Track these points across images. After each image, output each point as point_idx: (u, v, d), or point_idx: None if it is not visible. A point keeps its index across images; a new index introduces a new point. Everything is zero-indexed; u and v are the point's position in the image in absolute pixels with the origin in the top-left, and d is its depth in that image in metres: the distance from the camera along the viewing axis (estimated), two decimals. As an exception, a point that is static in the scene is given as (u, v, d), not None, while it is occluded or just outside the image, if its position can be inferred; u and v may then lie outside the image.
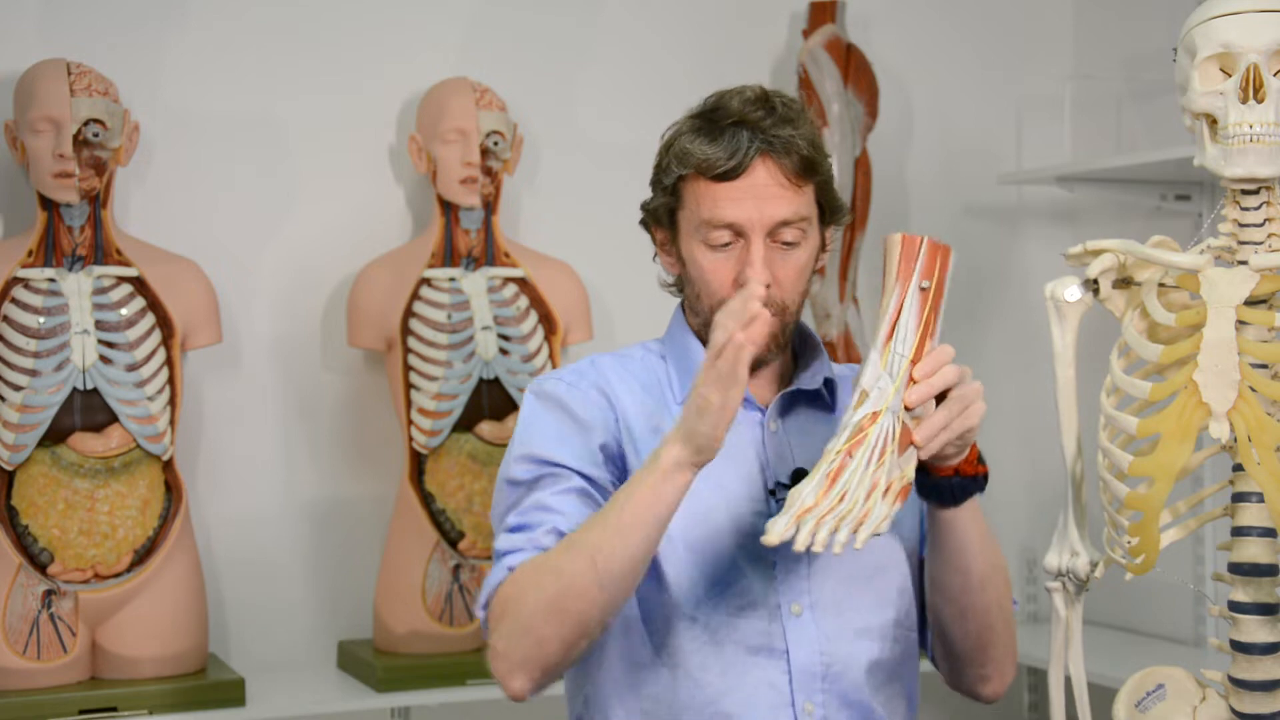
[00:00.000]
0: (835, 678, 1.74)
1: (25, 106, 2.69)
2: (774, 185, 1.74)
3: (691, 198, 1.77)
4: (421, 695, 2.79)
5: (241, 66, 3.02)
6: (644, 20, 3.32)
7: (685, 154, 1.77)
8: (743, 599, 1.74)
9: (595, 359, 1.86)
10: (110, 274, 2.72)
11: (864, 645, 1.77)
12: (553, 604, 1.61)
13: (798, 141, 1.75)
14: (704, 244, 1.76)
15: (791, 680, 1.73)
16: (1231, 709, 1.74)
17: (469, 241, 2.97)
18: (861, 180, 3.29)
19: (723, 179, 1.74)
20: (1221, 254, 1.76)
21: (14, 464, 2.63)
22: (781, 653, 1.73)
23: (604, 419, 1.78)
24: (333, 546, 3.06)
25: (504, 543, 1.71)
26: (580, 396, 1.79)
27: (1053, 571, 1.86)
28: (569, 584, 1.60)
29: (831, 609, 1.76)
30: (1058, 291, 1.83)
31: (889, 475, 1.55)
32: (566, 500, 1.71)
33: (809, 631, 1.74)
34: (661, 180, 1.81)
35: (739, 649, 1.73)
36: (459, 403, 2.90)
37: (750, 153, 1.73)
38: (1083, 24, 3.62)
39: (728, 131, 1.75)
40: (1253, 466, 1.66)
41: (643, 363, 1.86)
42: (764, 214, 1.73)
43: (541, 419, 1.79)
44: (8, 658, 2.59)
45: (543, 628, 1.62)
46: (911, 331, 1.60)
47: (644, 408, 1.80)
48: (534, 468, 1.74)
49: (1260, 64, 1.68)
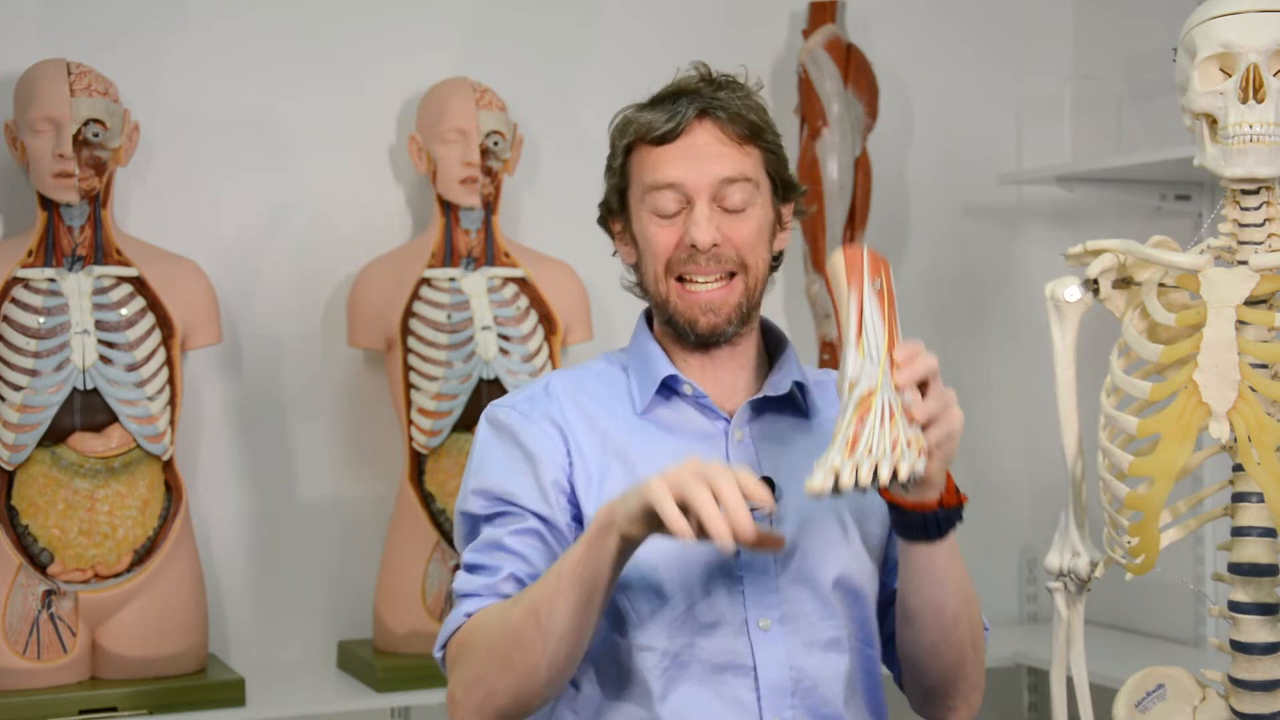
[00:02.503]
0: (806, 692, 1.71)
1: (25, 106, 2.69)
2: (714, 144, 1.73)
3: (636, 168, 1.76)
4: (421, 695, 2.78)
5: (241, 66, 3.02)
6: (644, 20, 3.32)
7: (625, 124, 1.77)
8: (708, 617, 1.70)
9: (550, 381, 1.81)
10: (110, 274, 2.72)
11: (834, 657, 1.73)
12: (502, 658, 1.60)
13: (737, 103, 1.74)
14: (651, 213, 1.74)
15: (760, 697, 1.69)
16: (1231, 709, 1.74)
17: (469, 241, 2.97)
18: (861, 180, 3.29)
19: (662, 141, 1.73)
20: (1221, 254, 1.76)
21: (14, 464, 2.63)
22: (748, 669, 1.70)
23: (554, 452, 1.73)
24: (333, 546, 3.06)
25: (463, 583, 1.70)
26: (532, 429, 1.75)
27: (1054, 571, 1.86)
28: (516, 639, 1.59)
29: (802, 621, 1.72)
30: (1058, 291, 1.83)
31: (905, 434, 1.53)
32: (523, 542, 1.69)
33: (777, 646, 1.71)
34: (611, 164, 1.81)
35: (704, 668, 1.70)
36: (459, 403, 2.90)
37: (688, 114, 1.72)
38: (1083, 24, 3.62)
39: (667, 100, 1.76)
40: (1253, 466, 1.66)
41: (601, 377, 1.82)
42: (705, 171, 1.72)
43: (493, 450, 1.76)
44: (8, 658, 2.59)
45: (493, 680, 1.61)
46: (879, 324, 1.58)
47: (598, 430, 1.76)
48: (488, 503, 1.73)
49: (1260, 64, 1.68)
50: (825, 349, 3.27)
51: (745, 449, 1.76)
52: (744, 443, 1.77)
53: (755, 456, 1.76)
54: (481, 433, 1.79)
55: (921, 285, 3.48)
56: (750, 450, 1.77)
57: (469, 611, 1.67)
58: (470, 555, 1.72)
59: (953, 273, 3.55)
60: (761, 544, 1.49)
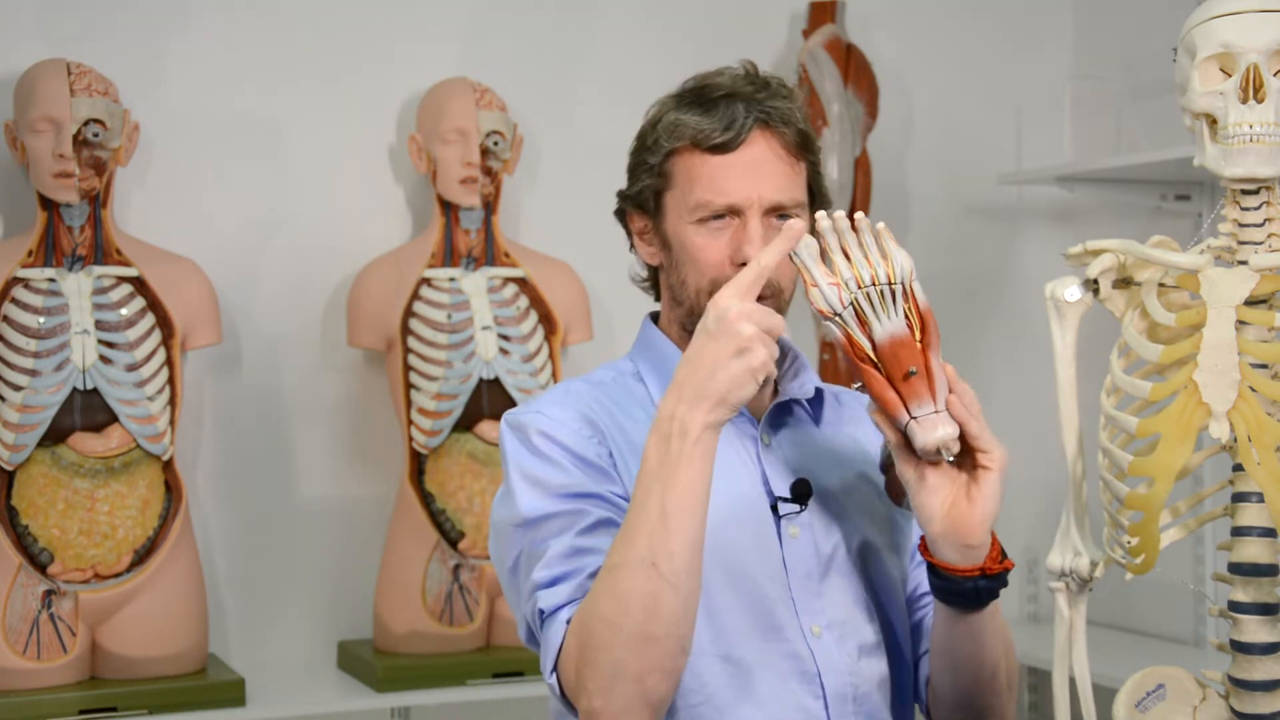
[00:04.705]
0: (863, 699, 1.68)
1: (25, 106, 2.69)
2: (773, 159, 1.67)
3: (683, 175, 1.69)
4: (421, 695, 2.79)
5: (241, 66, 3.02)
6: (644, 20, 3.32)
7: (677, 126, 1.69)
8: (770, 621, 1.65)
9: (569, 385, 1.75)
10: (110, 274, 2.72)
11: (875, 663, 1.71)
12: (637, 635, 1.48)
13: (794, 114, 1.69)
14: (696, 223, 1.68)
15: (827, 705, 1.65)
16: (1231, 709, 1.74)
17: (469, 241, 2.97)
18: (861, 180, 3.29)
19: (719, 151, 1.67)
20: (1221, 254, 1.76)
21: (14, 464, 2.63)
22: (814, 675, 1.65)
23: (591, 438, 1.67)
24: (333, 546, 3.06)
25: (548, 600, 1.57)
26: (561, 424, 1.67)
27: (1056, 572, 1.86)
28: (645, 606, 1.47)
29: (847, 628, 1.69)
30: (1058, 291, 1.83)
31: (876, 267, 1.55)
32: (593, 539, 1.59)
33: (833, 652, 1.67)
34: (646, 160, 1.72)
35: (772, 675, 1.64)
36: (459, 403, 2.89)
37: (748, 123, 1.66)
38: (1083, 24, 3.62)
39: (721, 104, 1.68)
40: (1253, 466, 1.65)
41: (616, 385, 1.76)
42: (763, 192, 1.66)
43: (530, 448, 1.66)
44: (8, 658, 2.59)
45: (636, 664, 1.49)
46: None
47: (624, 433, 1.69)
48: (545, 503, 1.62)
49: (1260, 64, 1.68)
50: (825, 349, 3.27)
51: (774, 452, 1.74)
52: (771, 446, 1.74)
53: (786, 459, 1.74)
54: (510, 441, 1.68)
55: (921, 285, 3.47)
56: (780, 453, 1.74)
57: (568, 619, 1.55)
58: (542, 572, 1.58)
59: (953, 273, 3.55)
60: None
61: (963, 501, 1.58)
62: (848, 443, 1.81)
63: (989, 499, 1.59)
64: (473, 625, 2.89)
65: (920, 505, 1.58)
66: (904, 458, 1.58)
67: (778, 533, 1.69)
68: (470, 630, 2.89)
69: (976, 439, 1.57)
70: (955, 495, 1.58)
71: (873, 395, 1.55)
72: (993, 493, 1.58)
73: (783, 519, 1.70)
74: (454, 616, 2.88)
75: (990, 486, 1.58)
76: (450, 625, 2.88)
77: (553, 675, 1.57)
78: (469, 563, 2.88)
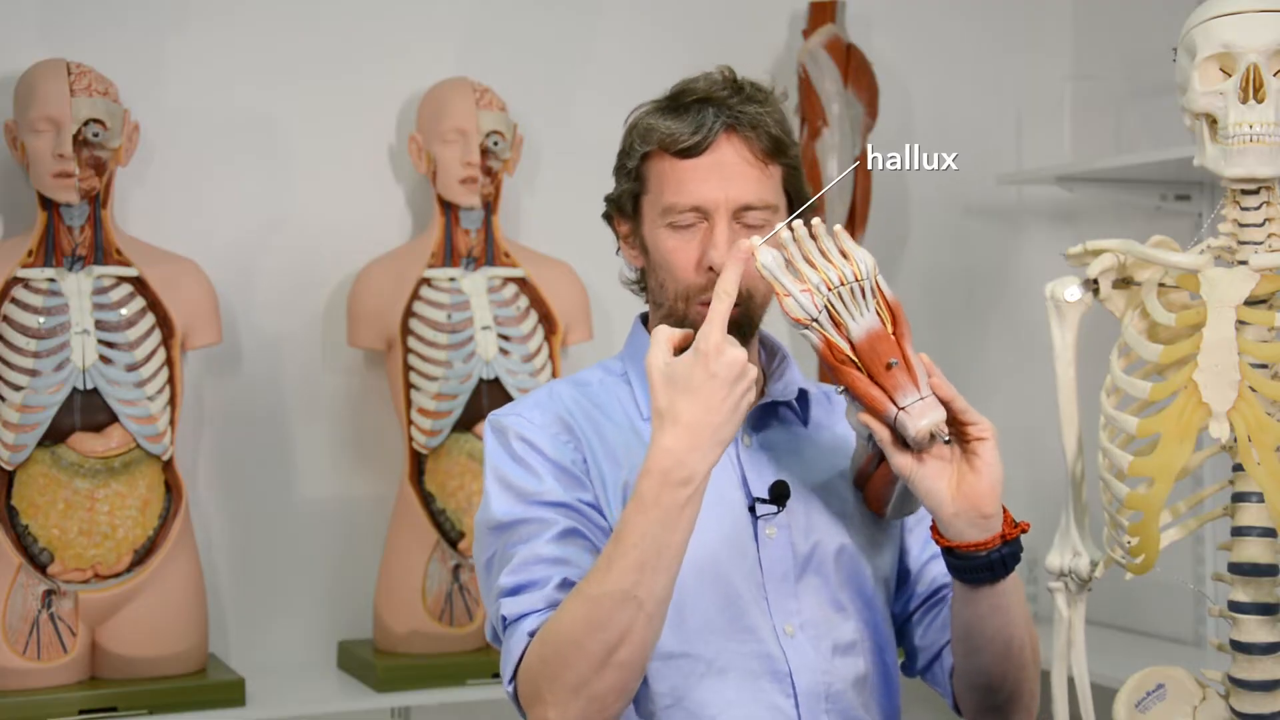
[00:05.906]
0: (836, 697, 1.70)
1: (25, 106, 2.69)
2: (740, 163, 1.68)
3: (655, 179, 1.71)
4: (421, 695, 2.79)
5: (241, 66, 3.02)
6: (644, 20, 3.32)
7: (648, 130, 1.72)
8: (742, 622, 1.68)
9: (553, 387, 1.78)
10: (110, 274, 2.72)
11: (851, 662, 1.73)
12: (603, 658, 1.52)
13: (765, 119, 1.70)
14: (667, 226, 1.70)
15: (798, 704, 1.67)
16: (1231, 709, 1.74)
17: (469, 241, 2.97)
18: (861, 180, 3.29)
19: (686, 155, 1.68)
20: (1221, 254, 1.76)
21: (14, 464, 2.63)
22: (785, 675, 1.68)
23: (568, 445, 1.70)
24: (333, 546, 3.06)
25: (510, 608, 1.61)
26: (541, 430, 1.71)
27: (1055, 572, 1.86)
28: (620, 633, 1.51)
29: (822, 627, 1.71)
30: (1058, 291, 1.83)
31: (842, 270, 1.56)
32: (561, 547, 1.62)
33: (806, 652, 1.69)
34: (625, 165, 1.75)
35: (742, 675, 1.67)
36: (459, 403, 2.89)
37: (715, 128, 1.68)
38: (1083, 24, 3.62)
39: (692, 108, 1.70)
40: (1253, 466, 1.66)
41: (602, 387, 1.78)
42: (729, 194, 1.67)
43: (509, 452, 1.70)
44: (8, 658, 2.59)
45: (600, 685, 1.53)
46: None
47: (604, 437, 1.72)
48: (517, 508, 1.66)
49: (1260, 64, 1.68)
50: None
51: (754, 454, 1.75)
52: (751, 448, 1.76)
53: (765, 461, 1.75)
54: (492, 442, 1.73)
55: (921, 285, 3.48)
56: (761, 454, 1.76)
57: (530, 630, 1.59)
58: (507, 578, 1.62)
59: (953, 273, 3.55)
60: None
61: (969, 475, 1.60)
62: (834, 442, 1.82)
63: (993, 466, 1.61)
64: (473, 625, 2.89)
65: (926, 493, 1.60)
66: (898, 453, 1.59)
67: (754, 534, 1.71)
68: (470, 630, 2.89)
69: (964, 413, 1.60)
70: (959, 473, 1.60)
71: (857, 395, 1.57)
72: (994, 459, 1.61)
73: (760, 520, 1.71)
74: (454, 616, 2.89)
75: (990, 454, 1.61)
76: (450, 625, 2.88)
77: (510, 684, 1.60)
78: (469, 563, 2.88)
